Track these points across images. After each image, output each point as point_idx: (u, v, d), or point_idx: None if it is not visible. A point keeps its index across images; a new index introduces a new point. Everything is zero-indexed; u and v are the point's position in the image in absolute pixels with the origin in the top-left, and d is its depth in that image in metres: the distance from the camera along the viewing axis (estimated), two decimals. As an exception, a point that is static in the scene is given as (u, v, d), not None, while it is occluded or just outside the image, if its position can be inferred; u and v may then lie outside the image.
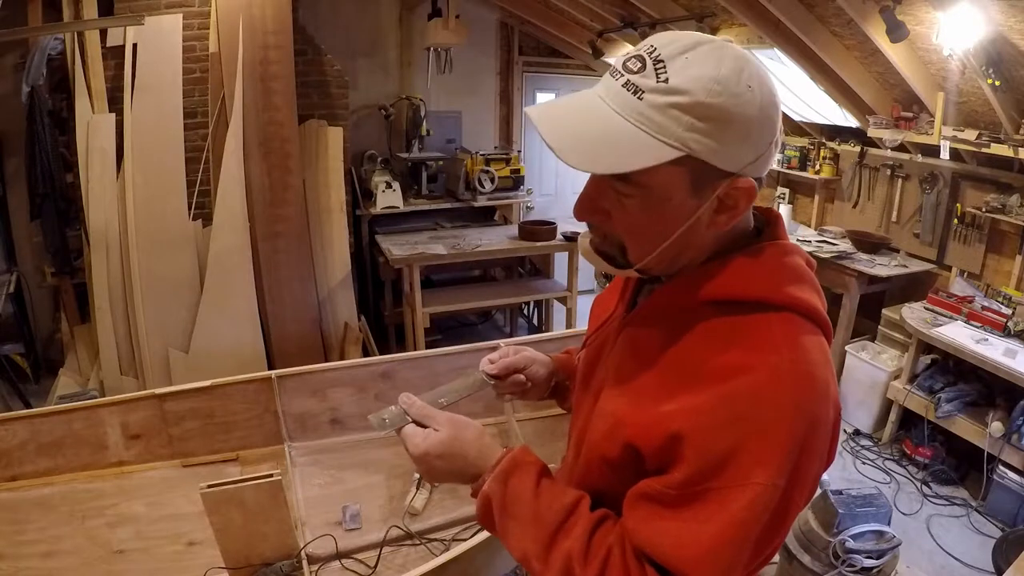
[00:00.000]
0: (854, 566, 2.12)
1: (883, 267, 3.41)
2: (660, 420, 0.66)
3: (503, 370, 0.94)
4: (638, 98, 0.63)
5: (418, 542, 2.00)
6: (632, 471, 0.70)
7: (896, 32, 2.48)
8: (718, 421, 0.63)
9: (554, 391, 1.02)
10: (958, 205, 3.30)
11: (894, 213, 3.66)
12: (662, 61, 0.62)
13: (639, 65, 0.63)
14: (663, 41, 0.64)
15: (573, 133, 0.65)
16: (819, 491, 2.06)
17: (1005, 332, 2.88)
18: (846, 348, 3.41)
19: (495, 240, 4.01)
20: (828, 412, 0.66)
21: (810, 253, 0.79)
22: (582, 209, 0.72)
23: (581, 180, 0.70)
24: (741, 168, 0.65)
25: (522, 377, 0.96)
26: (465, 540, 1.81)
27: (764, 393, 0.63)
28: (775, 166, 4.32)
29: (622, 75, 0.65)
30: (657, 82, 0.62)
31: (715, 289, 0.70)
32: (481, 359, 0.96)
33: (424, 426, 0.79)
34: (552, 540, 0.70)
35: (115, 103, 3.27)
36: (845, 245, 3.67)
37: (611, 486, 0.74)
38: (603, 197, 0.70)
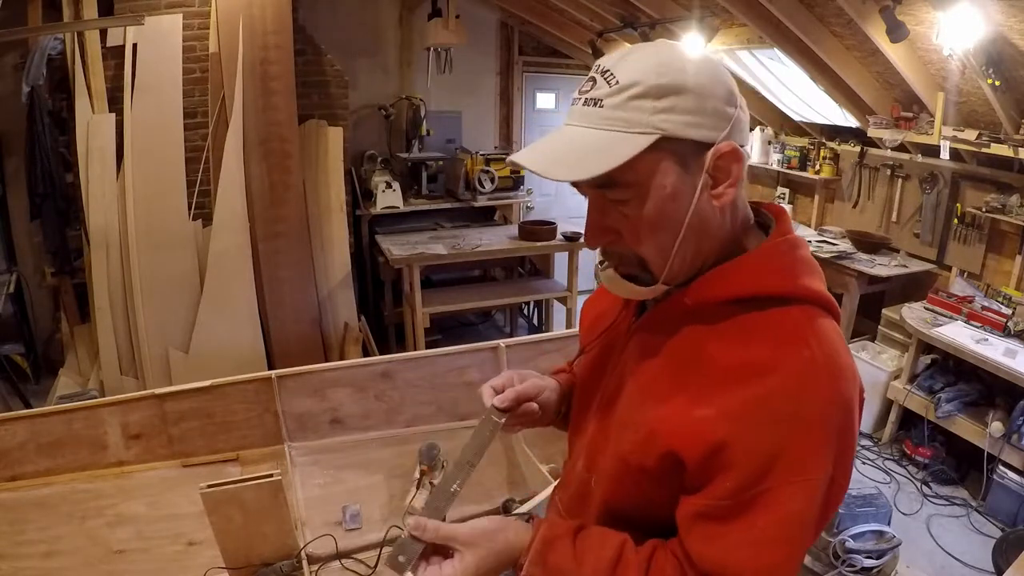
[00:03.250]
0: (854, 566, 2.12)
1: (883, 267, 3.41)
2: (699, 426, 0.66)
3: (513, 402, 0.86)
4: (599, 107, 0.67)
5: (418, 542, 2.00)
6: (670, 481, 0.70)
7: (896, 32, 2.48)
8: (761, 422, 0.64)
9: (564, 417, 0.96)
10: (958, 205, 3.30)
11: (894, 213, 3.66)
12: (608, 70, 0.67)
13: (591, 84, 0.68)
14: (605, 59, 0.69)
15: (551, 154, 0.69)
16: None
17: (1005, 332, 2.88)
18: (846, 348, 3.40)
19: (495, 240, 4.01)
20: (856, 395, 0.68)
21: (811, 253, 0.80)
22: (591, 234, 0.74)
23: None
24: (720, 137, 0.67)
25: (535, 406, 0.89)
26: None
27: (801, 388, 0.64)
28: (775, 166, 4.32)
29: (580, 98, 0.69)
30: (610, 87, 0.66)
31: (733, 287, 0.70)
32: (483, 388, 0.87)
33: (445, 548, 0.73)
34: None
35: (115, 103, 3.27)
36: (845, 245, 3.67)
37: (644, 496, 0.74)
38: (606, 216, 0.71)
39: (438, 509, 0.76)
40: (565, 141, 0.69)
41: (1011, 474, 2.65)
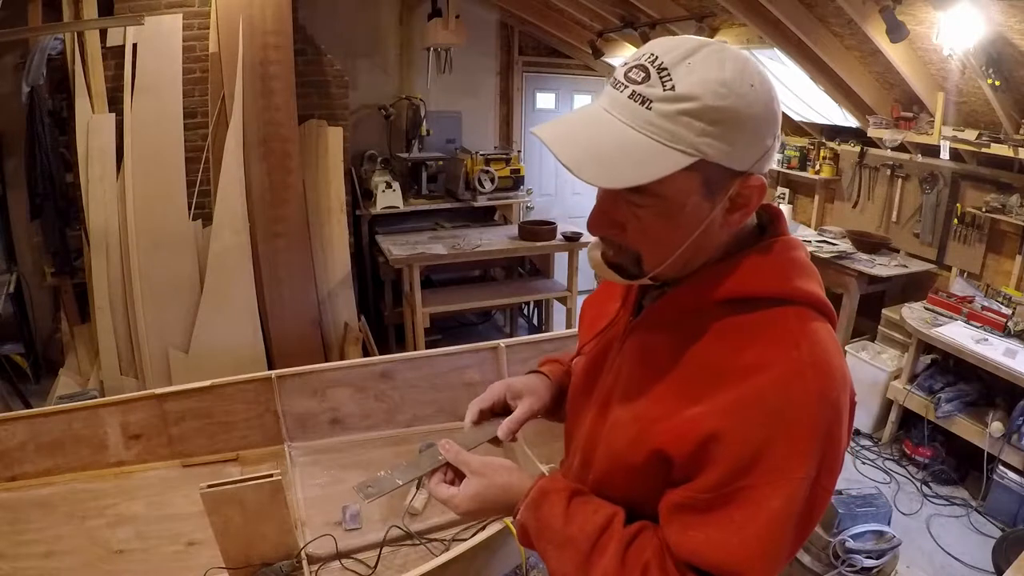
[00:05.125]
0: (854, 566, 2.13)
1: (883, 267, 3.41)
2: (689, 424, 0.66)
3: (516, 430, 0.89)
4: (647, 108, 0.62)
5: (418, 542, 2.00)
6: (658, 477, 0.71)
7: (896, 32, 2.48)
8: (747, 420, 0.64)
9: (554, 409, 0.96)
10: (958, 205, 3.30)
11: (894, 213, 3.66)
12: (666, 69, 0.62)
13: (643, 75, 0.63)
14: (663, 48, 0.64)
15: (587, 150, 0.64)
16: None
17: (1005, 332, 2.88)
18: (846, 348, 3.41)
19: (495, 240, 4.01)
20: (847, 399, 0.68)
21: (810, 253, 0.80)
22: (597, 224, 0.72)
23: (581, 181, 0.69)
24: (751, 166, 0.66)
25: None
26: (465, 540, 1.81)
27: (789, 388, 0.64)
28: (775, 166, 4.32)
29: (626, 86, 0.64)
30: (664, 90, 0.62)
31: (730, 288, 0.70)
32: (470, 407, 0.91)
33: (456, 471, 0.80)
34: (587, 561, 0.70)
35: (115, 103, 3.27)
36: (845, 245, 3.67)
37: (636, 492, 0.74)
38: (617, 210, 0.70)
39: (418, 471, 0.82)
40: (600, 133, 0.64)
41: (1011, 474, 2.65)
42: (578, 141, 0.65)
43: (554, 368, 1.00)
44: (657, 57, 0.63)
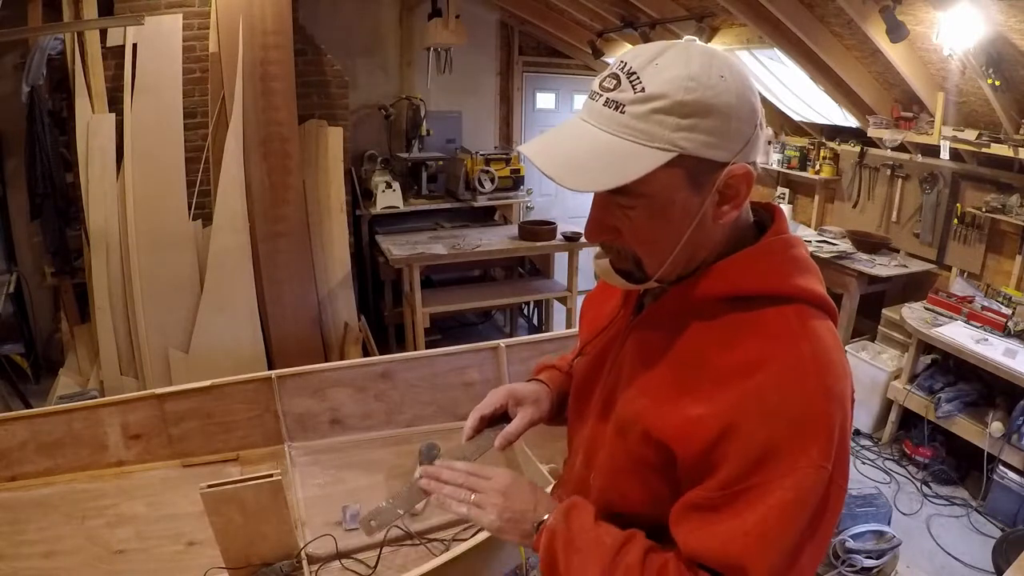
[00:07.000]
0: (854, 566, 2.13)
1: (883, 267, 3.41)
2: (693, 423, 0.67)
3: (514, 439, 0.91)
4: (620, 112, 0.65)
5: (418, 542, 2.00)
6: (663, 476, 0.71)
7: (896, 32, 2.48)
8: (751, 417, 0.64)
9: (556, 414, 0.97)
10: (958, 205, 3.30)
11: (894, 213, 3.66)
12: (634, 73, 0.64)
13: (615, 82, 0.66)
14: (632, 55, 0.67)
15: (567, 158, 0.67)
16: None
17: (1005, 332, 2.88)
18: (846, 348, 3.40)
19: (495, 240, 4.01)
20: (848, 393, 0.69)
21: (810, 253, 0.80)
22: (592, 231, 0.74)
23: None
24: (733, 156, 0.66)
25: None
26: (465, 540, 1.81)
27: (790, 383, 0.65)
28: (775, 166, 4.32)
29: (600, 95, 0.67)
30: (635, 93, 0.64)
31: (728, 286, 0.71)
32: (472, 415, 0.92)
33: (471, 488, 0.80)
34: (614, 560, 0.70)
35: (115, 103, 3.27)
36: (845, 245, 3.67)
37: (639, 492, 0.75)
38: (609, 215, 0.71)
39: (421, 490, 0.83)
40: (579, 142, 0.67)
41: (1011, 474, 2.65)
42: (559, 152, 0.68)
43: (552, 375, 1.00)
44: (626, 64, 0.66)
